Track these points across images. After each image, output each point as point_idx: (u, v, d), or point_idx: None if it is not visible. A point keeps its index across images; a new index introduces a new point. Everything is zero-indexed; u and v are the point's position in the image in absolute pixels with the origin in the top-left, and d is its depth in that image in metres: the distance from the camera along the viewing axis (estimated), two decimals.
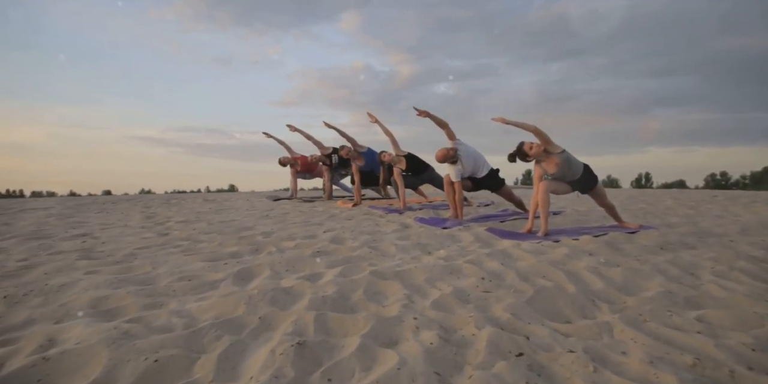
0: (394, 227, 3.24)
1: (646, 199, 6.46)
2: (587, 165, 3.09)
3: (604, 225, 3.36)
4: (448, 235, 2.87)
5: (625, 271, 1.94)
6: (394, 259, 2.19)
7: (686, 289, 1.74)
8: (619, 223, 3.23)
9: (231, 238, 2.73)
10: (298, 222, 3.71)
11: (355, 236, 2.79)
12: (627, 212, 4.34)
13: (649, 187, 36.08)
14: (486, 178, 3.80)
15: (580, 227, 3.26)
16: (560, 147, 2.95)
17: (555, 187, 3.02)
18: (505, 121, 3.02)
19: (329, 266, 1.98)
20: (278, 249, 2.36)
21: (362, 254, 2.23)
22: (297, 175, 7.51)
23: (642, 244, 2.57)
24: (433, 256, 2.19)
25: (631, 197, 6.98)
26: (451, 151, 3.60)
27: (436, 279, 1.79)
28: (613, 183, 24.10)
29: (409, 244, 2.50)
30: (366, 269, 1.89)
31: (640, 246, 2.47)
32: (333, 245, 2.44)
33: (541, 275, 1.89)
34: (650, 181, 40.76)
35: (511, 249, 2.36)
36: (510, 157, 3.04)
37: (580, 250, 2.33)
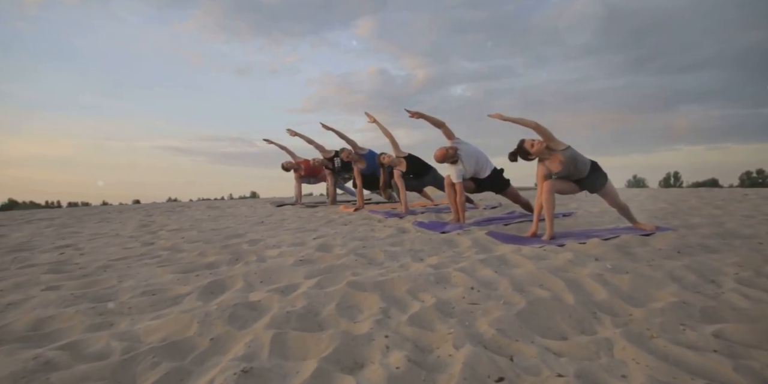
0: (390, 232, 3.12)
1: (668, 199, 6.18)
2: (595, 162, 2.91)
3: (617, 227, 3.16)
4: (445, 240, 2.73)
5: (634, 278, 1.77)
6: (381, 267, 2.07)
7: (703, 298, 1.57)
8: (633, 224, 3.04)
9: (215, 247, 2.65)
10: (292, 229, 3.62)
11: (345, 243, 2.68)
12: (645, 213, 4.12)
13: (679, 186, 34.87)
14: (489, 179, 3.64)
15: (590, 230, 3.08)
16: (564, 143, 2.79)
17: (560, 187, 2.85)
18: (503, 118, 2.88)
19: (308, 276, 1.87)
20: (259, 258, 2.26)
21: (347, 262, 2.11)
22: (301, 180, 7.45)
23: (656, 247, 2.39)
24: (423, 264, 2.06)
25: (653, 197, 6.70)
26: (451, 151, 3.47)
27: (420, 289, 1.65)
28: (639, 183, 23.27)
29: (400, 251, 2.38)
30: (346, 279, 1.77)
31: (654, 250, 2.29)
32: (318, 253, 2.33)
33: (538, 284, 1.74)
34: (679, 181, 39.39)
35: (509, 255, 2.21)
36: (511, 155, 2.89)
37: (586, 255, 2.16)
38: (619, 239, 2.57)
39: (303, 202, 7.40)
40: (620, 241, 2.51)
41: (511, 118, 2.86)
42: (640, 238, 2.61)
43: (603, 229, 3.09)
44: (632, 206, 4.88)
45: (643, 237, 2.64)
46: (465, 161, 3.52)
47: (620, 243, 2.45)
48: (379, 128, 4.64)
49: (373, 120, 4.66)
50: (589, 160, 2.89)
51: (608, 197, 2.98)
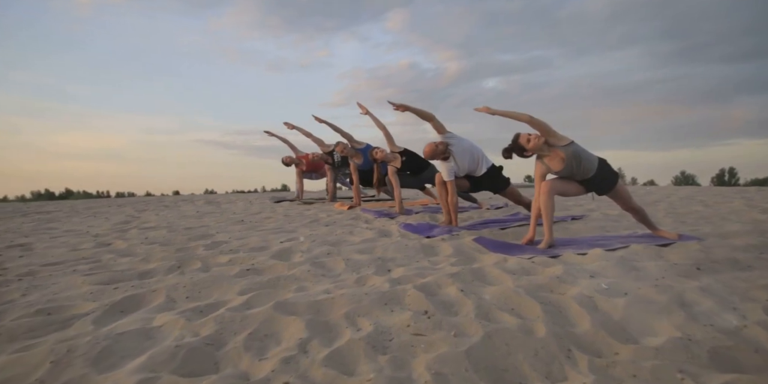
0: (369, 236, 2.89)
1: (708, 199, 5.68)
2: (604, 160, 2.59)
3: (633, 234, 2.83)
4: (426, 246, 2.48)
5: (631, 303, 1.48)
6: (334, 280, 1.84)
7: (717, 334, 1.27)
8: (653, 231, 2.70)
9: (168, 250, 2.48)
10: (269, 229, 3.43)
11: (311, 248, 2.46)
12: (672, 217, 3.74)
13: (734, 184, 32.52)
14: (486, 177, 3.36)
15: (598, 237, 2.76)
16: (567, 138, 2.49)
17: (561, 188, 2.55)
18: (491, 111, 2.61)
19: (243, 291, 1.66)
20: (204, 266, 2.07)
21: (298, 274, 1.89)
22: (302, 175, 7.30)
23: (671, 261, 2.07)
24: (384, 278, 1.82)
25: (688, 197, 6.20)
26: (441, 146, 3.20)
27: (362, 313, 1.42)
28: (689, 180, 21.83)
29: (366, 260, 2.14)
30: (280, 297, 1.56)
31: (668, 265, 1.97)
32: (273, 261, 2.12)
33: (509, 308, 1.48)
34: (735, 177, 36.85)
35: (489, 267, 1.94)
36: (504, 152, 2.61)
37: (580, 270, 1.87)
38: (626, 250, 2.26)
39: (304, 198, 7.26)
40: (627, 253, 2.20)
41: (500, 112, 2.58)
42: (654, 249, 2.29)
43: (614, 236, 2.77)
44: (660, 209, 4.46)
45: (659, 247, 2.32)
46: (457, 157, 3.25)
47: (627, 255, 2.15)
48: (371, 120, 4.40)
49: (366, 111, 4.42)
50: (596, 157, 2.57)
51: (620, 200, 2.66)
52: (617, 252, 2.24)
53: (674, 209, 4.39)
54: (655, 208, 4.47)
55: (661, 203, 5.19)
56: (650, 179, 23.05)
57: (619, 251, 2.26)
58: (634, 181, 22.79)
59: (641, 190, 8.97)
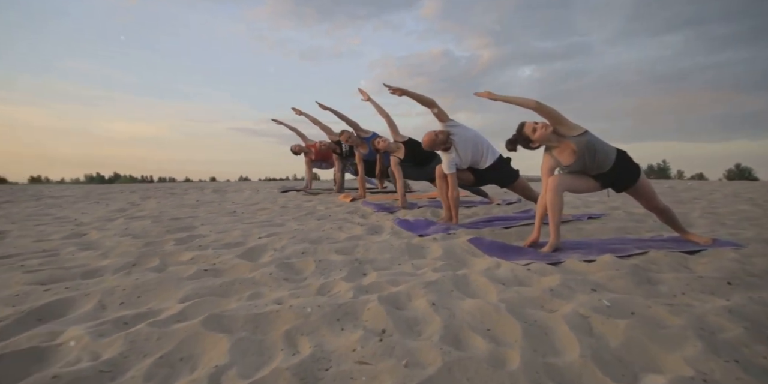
0: (357, 232, 2.70)
1: (757, 197, 5.18)
2: (623, 152, 2.30)
3: (657, 237, 2.54)
4: (415, 246, 2.27)
5: (635, 326, 1.24)
6: (295, 286, 1.66)
7: (743, 375, 1.03)
8: (682, 235, 2.40)
9: (135, 244, 2.36)
10: (257, 221, 3.29)
11: (287, 245, 2.29)
12: (710, 217, 3.36)
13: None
14: (491, 170, 3.09)
15: (615, 240, 2.48)
16: (579, 127, 2.21)
17: (571, 184, 2.28)
18: (493, 97, 2.36)
19: (187, 297, 1.50)
20: (161, 264, 1.93)
21: (258, 276, 1.72)
22: (312, 164, 7.16)
23: (697, 272, 1.79)
24: (352, 284, 1.63)
25: (734, 194, 5.70)
26: (441, 135, 2.96)
27: (307, 330, 1.23)
28: (744, 173, 20.19)
29: (342, 261, 1.96)
30: (222, 306, 1.39)
31: (691, 277, 1.70)
32: (237, 260, 1.96)
33: (484, 328, 1.26)
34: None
35: (476, 275, 1.72)
36: (508, 143, 2.35)
37: (581, 282, 1.63)
38: (643, 258, 1.99)
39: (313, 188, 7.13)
40: (643, 261, 1.93)
41: (503, 97, 2.32)
42: (679, 256, 2.00)
43: (634, 239, 2.48)
44: (698, 207, 4.03)
45: (684, 255, 2.03)
46: (459, 148, 3.00)
47: (642, 264, 1.88)
48: (374, 107, 4.17)
49: (368, 98, 4.19)
50: (614, 148, 2.28)
51: (642, 197, 2.37)
52: (631, 259, 1.97)
53: (714, 208, 3.97)
54: (692, 207, 4.05)
55: (701, 201, 4.73)
56: (698, 172, 21.51)
57: (633, 258, 1.99)
58: (680, 175, 21.44)
59: (681, 185, 8.40)
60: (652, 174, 22.17)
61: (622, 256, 2.01)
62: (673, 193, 5.97)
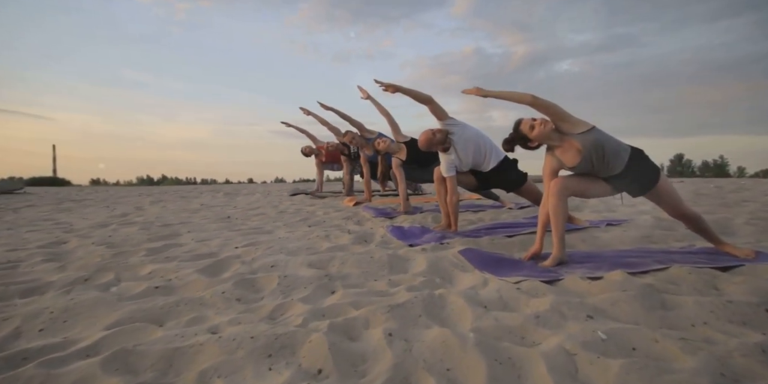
0: (342, 242, 2.52)
1: None
2: (639, 150, 2.03)
3: (687, 248, 2.24)
4: (397, 259, 2.06)
5: (630, 369, 1.00)
6: (246, 307, 1.50)
7: None
8: (716, 246, 2.10)
9: (104, 255, 2.26)
10: (245, 229, 3.17)
11: (260, 257, 2.14)
12: (758, 224, 2.86)
13: None
14: (495, 173, 2.85)
15: (634, 251, 2.20)
16: (585, 123, 1.96)
17: (577, 187, 2.03)
18: (483, 93, 2.15)
19: (117, 322, 1.33)
20: (114, 279, 1.80)
21: (209, 296, 1.57)
22: (323, 166, 7.05)
23: (727, 295, 1.51)
24: (307, 308, 1.44)
25: None
26: (439, 134, 2.74)
27: (227, 371, 1.05)
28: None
29: (311, 277, 1.78)
30: (146, 336, 1.24)
31: (719, 302, 1.42)
32: (196, 275, 1.82)
33: (442, 368, 1.05)
34: None
35: (456, 294, 1.50)
36: (505, 143, 2.13)
37: (577, 305, 1.39)
38: (661, 274, 1.72)
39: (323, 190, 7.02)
40: (661, 279, 1.66)
41: (494, 93, 2.10)
42: (707, 274, 1.71)
43: (657, 251, 2.19)
44: (744, 211, 3.52)
45: (715, 272, 1.75)
46: (459, 149, 2.77)
47: (658, 283, 1.61)
48: (374, 106, 3.99)
49: (367, 96, 4.01)
50: (627, 146, 2.01)
51: (663, 203, 2.08)
52: (647, 277, 1.70)
53: (766, 213, 3.42)
54: (738, 211, 3.56)
55: (750, 204, 4.10)
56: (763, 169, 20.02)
57: (650, 275, 1.72)
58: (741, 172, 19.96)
59: (732, 184, 7.74)
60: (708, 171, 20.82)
61: (635, 272, 1.75)
62: (719, 194, 5.44)
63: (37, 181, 19.19)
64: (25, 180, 18.95)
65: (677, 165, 29.15)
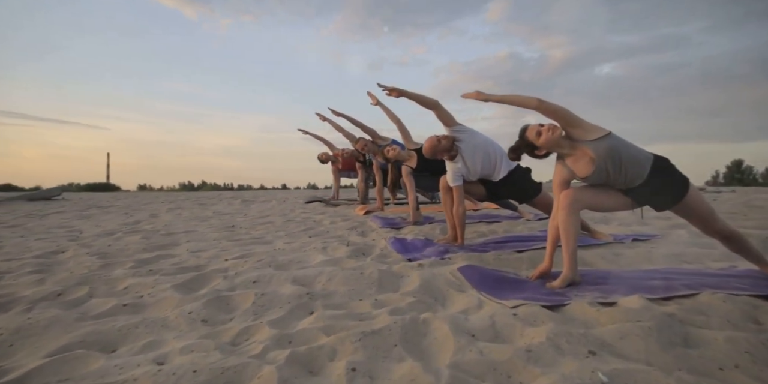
0: (338, 255, 2.39)
1: None
2: (663, 159, 1.83)
3: (727, 270, 1.99)
4: (390, 275, 1.91)
5: None
6: (209, 331, 1.39)
7: None
8: (763, 269, 1.86)
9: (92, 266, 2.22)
10: (245, 239, 3.10)
11: (245, 271, 2.04)
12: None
13: None
14: (506, 183, 2.67)
15: (662, 272, 1.98)
16: (599, 129, 1.77)
17: (591, 200, 1.84)
18: (483, 97, 2.01)
19: (62, 349, 1.20)
20: (86, 296, 1.72)
21: (174, 316, 1.46)
22: (339, 174, 7.00)
23: (765, 331, 1.30)
24: (272, 333, 1.31)
25: None
26: (444, 141, 2.59)
27: None
28: None
29: (291, 295, 1.66)
30: (85, 367, 1.14)
31: (756, 341, 1.20)
32: (170, 292, 1.72)
33: None
34: None
35: (442, 320, 1.34)
36: (510, 151, 1.97)
37: (579, 338, 1.20)
38: (690, 301, 1.51)
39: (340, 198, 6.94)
40: (687, 308, 1.44)
41: (496, 97, 1.95)
42: (745, 303, 1.48)
43: (691, 272, 1.95)
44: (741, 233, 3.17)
45: (758, 300, 1.52)
46: (467, 157, 2.61)
47: (682, 312, 1.40)
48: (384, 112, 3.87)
49: (377, 102, 3.90)
50: (649, 154, 1.81)
51: (694, 219, 1.85)
52: (669, 304, 1.49)
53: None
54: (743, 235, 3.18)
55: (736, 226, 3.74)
56: None
57: (673, 303, 1.51)
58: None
59: None
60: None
61: (656, 298, 1.54)
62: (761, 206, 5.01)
63: (92, 186, 21.81)
64: (82, 186, 21.09)
65: (735, 172, 27.25)
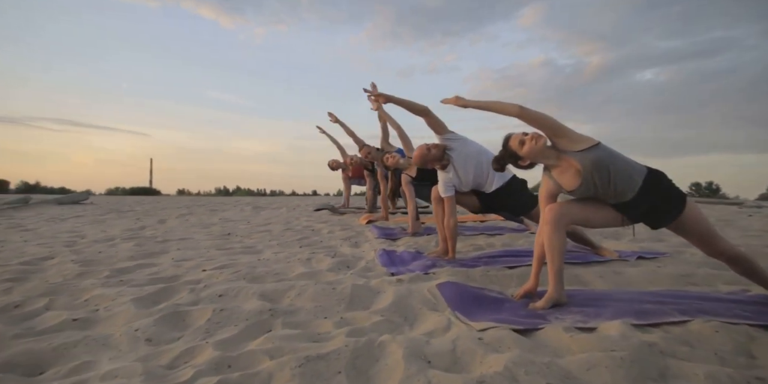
0: (320, 267, 2.34)
1: None
2: (657, 172, 1.71)
3: (733, 295, 1.83)
4: (366, 290, 1.84)
5: None
6: (151, 352, 1.35)
7: None
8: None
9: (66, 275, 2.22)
10: (235, 248, 3.09)
11: (216, 284, 2.00)
12: None
13: None
14: (500, 195, 2.57)
15: (660, 294, 1.84)
16: (587, 139, 1.68)
17: (579, 216, 1.73)
18: (463, 103, 1.95)
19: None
20: (42, 308, 1.66)
21: (120, 333, 1.41)
22: (350, 181, 6.97)
23: (760, 369, 1.17)
24: (219, 354, 1.27)
25: None
26: (434, 150, 2.52)
27: None
28: None
29: (252, 311, 1.60)
30: None
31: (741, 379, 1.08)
32: (127, 306, 1.68)
33: None
34: None
35: (398, 344, 1.26)
36: (494, 161, 1.88)
37: (542, 368, 1.10)
38: (679, 329, 1.38)
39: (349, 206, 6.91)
40: (673, 337, 1.31)
41: (475, 103, 1.89)
42: (741, 333, 1.35)
43: (693, 295, 1.80)
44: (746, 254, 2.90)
45: (757, 331, 1.38)
46: (458, 166, 2.52)
47: (666, 342, 1.27)
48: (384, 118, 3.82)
49: (378, 107, 3.85)
50: (642, 167, 1.69)
51: (693, 238, 1.72)
52: (655, 331, 1.37)
53: None
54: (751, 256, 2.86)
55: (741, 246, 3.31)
56: None
57: (659, 330, 1.39)
58: None
59: None
60: None
61: (644, 324, 1.42)
62: None
63: (135, 191, 22.68)
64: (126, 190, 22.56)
65: None
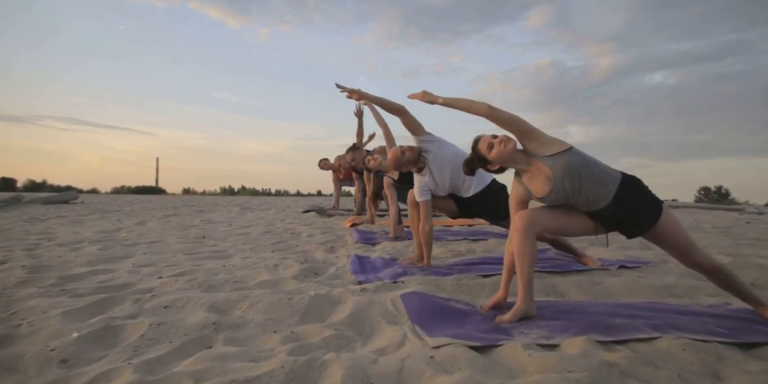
0: (284, 275, 2.24)
1: None
2: (632, 178, 1.62)
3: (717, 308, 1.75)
4: (325, 301, 1.74)
5: None
6: (60, 376, 1.25)
7: None
8: (754, 307, 1.63)
9: (11, 282, 2.12)
10: (204, 252, 2.99)
11: (168, 292, 1.90)
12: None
13: None
14: (478, 200, 2.48)
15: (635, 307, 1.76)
16: (559, 142, 1.59)
17: (550, 223, 1.64)
18: (430, 99, 1.86)
19: None
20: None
21: (34, 353, 1.27)
22: (341, 182, 6.87)
23: None
24: (137, 377, 1.17)
25: None
26: (409, 153, 2.43)
27: None
28: None
29: (195, 325, 1.51)
30: None
31: None
32: (56, 320, 1.51)
33: None
34: None
35: (338, 364, 1.17)
36: (464, 165, 1.79)
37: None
38: (645, 347, 1.30)
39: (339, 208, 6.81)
40: (637, 355, 1.23)
41: (442, 100, 1.82)
42: (712, 352, 1.27)
43: (665, 309, 1.73)
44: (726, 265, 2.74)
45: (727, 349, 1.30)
46: (434, 170, 2.43)
47: (628, 361, 1.18)
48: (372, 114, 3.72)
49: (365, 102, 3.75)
50: (617, 173, 1.61)
51: (669, 247, 1.63)
52: (620, 349, 1.28)
53: None
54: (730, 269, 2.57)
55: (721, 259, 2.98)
56: None
57: (625, 348, 1.30)
58: None
59: None
60: None
61: (610, 340, 1.34)
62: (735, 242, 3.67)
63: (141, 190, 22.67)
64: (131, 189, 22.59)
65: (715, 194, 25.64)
